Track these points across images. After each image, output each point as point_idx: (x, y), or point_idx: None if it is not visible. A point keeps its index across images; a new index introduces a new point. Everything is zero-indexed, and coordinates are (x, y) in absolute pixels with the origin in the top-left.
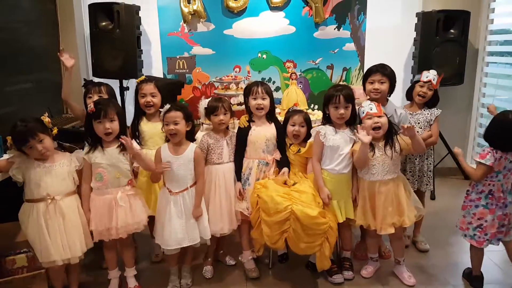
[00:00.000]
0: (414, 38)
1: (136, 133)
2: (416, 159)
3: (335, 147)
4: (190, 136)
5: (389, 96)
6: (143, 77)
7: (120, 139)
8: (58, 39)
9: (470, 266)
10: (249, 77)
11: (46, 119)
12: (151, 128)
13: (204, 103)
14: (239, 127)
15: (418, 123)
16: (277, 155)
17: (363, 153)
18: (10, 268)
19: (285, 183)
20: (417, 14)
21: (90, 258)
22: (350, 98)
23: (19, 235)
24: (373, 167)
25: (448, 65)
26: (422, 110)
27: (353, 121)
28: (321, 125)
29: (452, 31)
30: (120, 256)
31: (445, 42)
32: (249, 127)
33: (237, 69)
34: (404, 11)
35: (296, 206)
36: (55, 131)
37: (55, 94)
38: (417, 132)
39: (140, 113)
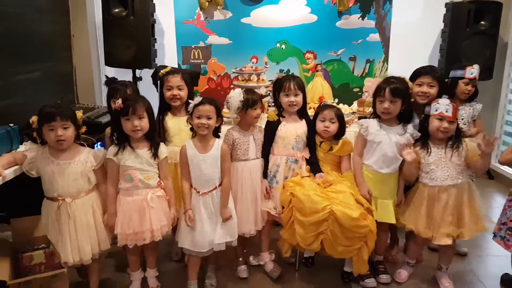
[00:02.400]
0: (442, 29)
1: (160, 130)
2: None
3: (377, 143)
4: (216, 132)
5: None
6: (168, 68)
7: None
8: (69, 26)
9: (509, 272)
10: (267, 68)
11: (79, 114)
12: (177, 123)
13: (237, 94)
14: (267, 121)
15: (462, 118)
16: (307, 153)
17: (407, 170)
18: (27, 265)
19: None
20: (447, 5)
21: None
22: (399, 92)
23: (37, 230)
24: (431, 172)
25: (477, 59)
26: (464, 105)
27: (408, 119)
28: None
29: (482, 23)
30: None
31: (475, 35)
32: (278, 122)
33: (254, 60)
34: (432, 1)
35: (336, 206)
36: (83, 129)
37: (66, 83)
38: (461, 128)
39: (165, 107)
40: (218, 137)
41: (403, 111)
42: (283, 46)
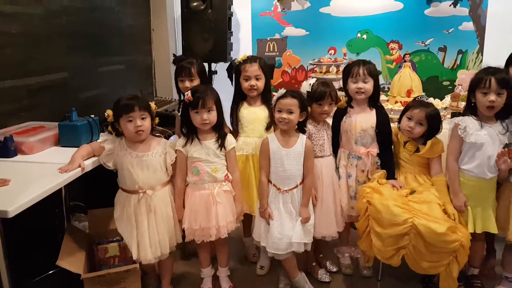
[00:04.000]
0: None
1: (234, 119)
2: None
3: (478, 145)
4: (301, 126)
5: None
6: (245, 56)
7: None
8: (149, 20)
9: None
10: (346, 60)
11: (153, 105)
12: (251, 113)
13: (307, 85)
14: (336, 110)
15: None
16: (374, 150)
17: (500, 178)
18: (102, 257)
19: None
20: None
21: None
22: (506, 82)
23: (112, 222)
24: None
25: None
26: None
27: (508, 114)
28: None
29: None
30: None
31: None
32: (344, 112)
33: (332, 51)
34: None
35: (419, 219)
36: (157, 120)
37: (146, 76)
38: None
39: (240, 97)
40: (304, 132)
41: (504, 105)
42: (365, 36)
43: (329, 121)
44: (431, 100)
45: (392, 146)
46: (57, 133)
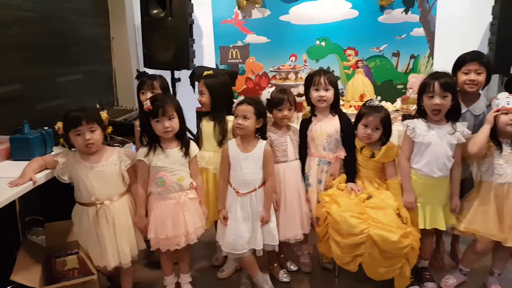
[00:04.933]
0: (491, 22)
1: (199, 133)
2: None
3: (426, 144)
4: (261, 133)
5: (482, 89)
6: (206, 73)
7: None
8: (109, 28)
9: None
10: (306, 66)
11: (104, 114)
12: (206, 127)
13: (267, 93)
14: (302, 119)
15: None
16: (342, 153)
17: (482, 133)
18: (61, 270)
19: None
20: None
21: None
22: (449, 86)
23: (71, 235)
24: (499, 167)
25: None
26: None
27: (456, 117)
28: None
29: None
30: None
31: None
32: (309, 121)
33: (293, 58)
34: None
35: (374, 230)
36: (109, 130)
37: (107, 85)
38: None
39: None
40: (264, 138)
41: (451, 107)
42: (323, 43)
43: (295, 125)
44: (383, 103)
45: None
46: (8, 146)
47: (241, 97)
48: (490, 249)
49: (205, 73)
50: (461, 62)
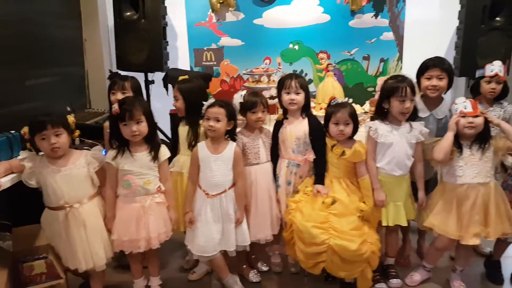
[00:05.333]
0: (457, 26)
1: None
2: None
3: (388, 144)
4: (231, 135)
5: (445, 93)
6: (181, 78)
7: None
8: (81, 30)
9: None
10: (280, 69)
11: (71, 118)
12: (182, 132)
13: (239, 96)
14: (275, 122)
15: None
16: (310, 156)
17: (446, 140)
18: (28, 275)
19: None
20: (461, 1)
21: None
22: (414, 90)
23: (38, 239)
24: (459, 169)
25: (493, 55)
26: (494, 107)
27: (414, 117)
28: (372, 120)
29: (498, 19)
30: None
31: (490, 31)
32: (281, 124)
33: (267, 61)
34: None
35: (334, 240)
36: (76, 133)
37: (79, 87)
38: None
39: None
40: (234, 140)
41: None
42: (296, 47)
43: (268, 127)
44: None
45: None
46: None
47: (211, 99)
48: (450, 246)
49: (180, 78)
50: (423, 68)
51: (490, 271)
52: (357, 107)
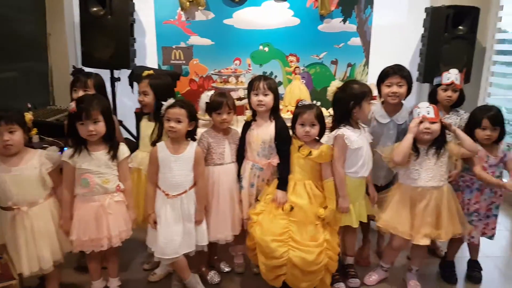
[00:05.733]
0: (422, 34)
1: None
2: None
3: (358, 148)
4: (192, 135)
5: (404, 99)
6: (146, 73)
7: None
8: (45, 24)
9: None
10: (250, 71)
11: (29, 116)
12: (145, 128)
13: (206, 96)
14: (245, 122)
15: None
16: (274, 160)
17: (405, 142)
18: None
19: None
20: (426, 9)
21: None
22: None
23: None
24: (415, 172)
25: (456, 63)
26: (450, 114)
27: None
28: (335, 125)
29: (461, 27)
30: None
31: (453, 39)
32: (249, 125)
33: (237, 62)
34: (412, 6)
35: (293, 252)
36: (33, 132)
37: (42, 83)
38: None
39: (142, 111)
40: (194, 140)
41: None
42: (266, 49)
43: (238, 129)
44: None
45: None
46: None
47: (170, 100)
48: (405, 246)
49: (146, 72)
50: (383, 75)
51: (445, 271)
52: (322, 109)
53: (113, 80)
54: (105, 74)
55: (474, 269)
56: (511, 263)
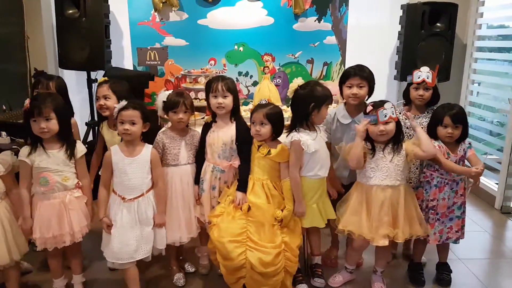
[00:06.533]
0: (399, 31)
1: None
2: None
3: (315, 152)
4: (147, 137)
5: (367, 99)
6: (102, 79)
7: None
8: (24, 27)
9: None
10: (225, 71)
11: None
12: (111, 137)
13: (163, 95)
14: (204, 123)
15: (422, 127)
16: (236, 162)
17: (356, 147)
18: None
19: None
20: (402, 6)
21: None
22: None
23: None
24: (370, 170)
25: (433, 60)
26: (426, 113)
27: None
28: (292, 129)
29: (438, 24)
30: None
31: (430, 36)
32: (209, 127)
33: (213, 62)
34: (389, 3)
35: (251, 252)
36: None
37: (19, 85)
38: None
39: (101, 118)
40: (151, 142)
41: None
42: (241, 48)
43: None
44: (285, 108)
45: None
46: None
47: (123, 102)
48: (366, 246)
49: (102, 78)
50: (344, 76)
51: (412, 273)
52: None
53: (90, 81)
54: (82, 75)
55: (442, 272)
56: (488, 266)
